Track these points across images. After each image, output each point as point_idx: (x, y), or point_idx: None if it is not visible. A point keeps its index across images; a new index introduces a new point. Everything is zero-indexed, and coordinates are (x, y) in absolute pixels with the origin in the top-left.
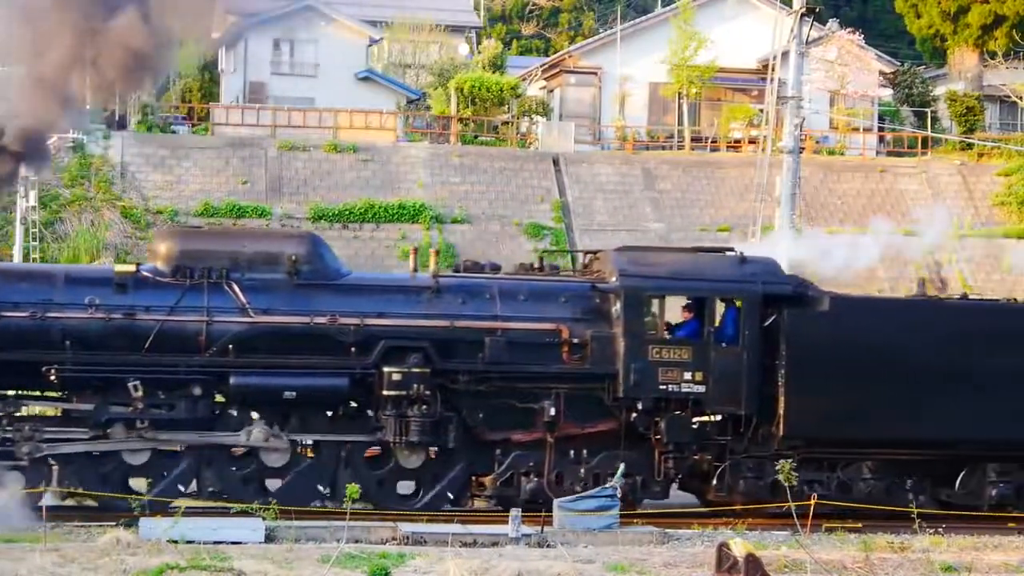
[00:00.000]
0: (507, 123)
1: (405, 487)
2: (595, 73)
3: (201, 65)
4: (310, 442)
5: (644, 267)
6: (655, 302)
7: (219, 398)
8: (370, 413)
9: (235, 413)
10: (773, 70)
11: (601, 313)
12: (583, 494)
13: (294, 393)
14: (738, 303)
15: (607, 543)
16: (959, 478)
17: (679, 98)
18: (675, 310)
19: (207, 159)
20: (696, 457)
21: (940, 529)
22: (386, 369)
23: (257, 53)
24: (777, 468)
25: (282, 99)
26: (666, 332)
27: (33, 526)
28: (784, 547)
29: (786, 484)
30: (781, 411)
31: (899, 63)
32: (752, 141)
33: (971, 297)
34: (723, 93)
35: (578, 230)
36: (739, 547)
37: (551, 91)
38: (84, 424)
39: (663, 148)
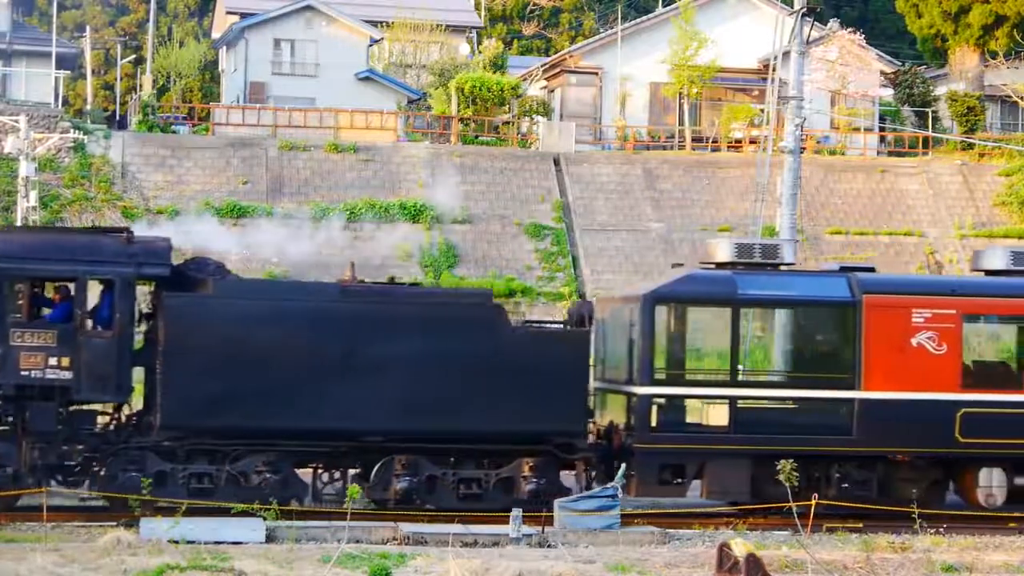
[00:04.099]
0: (508, 123)
1: None
2: (596, 73)
3: (202, 65)
4: None
5: (7, 247)
6: (18, 283)
7: None
8: None
9: None
10: (774, 70)
11: None
12: (583, 494)
13: None
14: (113, 285)
15: (608, 543)
16: (373, 471)
17: (680, 98)
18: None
19: (208, 159)
20: (66, 448)
21: (941, 529)
22: None
23: (258, 53)
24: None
25: (283, 99)
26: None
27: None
28: (785, 547)
29: (787, 484)
30: (159, 400)
31: (900, 63)
32: (753, 141)
33: (395, 283)
34: (724, 93)
35: (579, 230)
36: (740, 547)
37: (552, 91)
38: None
39: (664, 148)
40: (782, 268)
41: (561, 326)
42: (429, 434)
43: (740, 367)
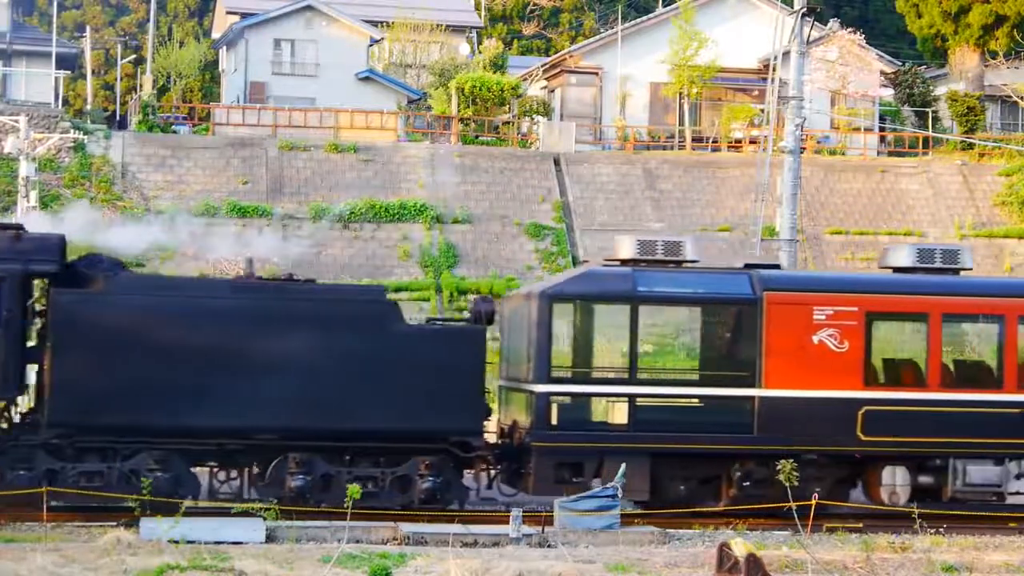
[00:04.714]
0: (508, 123)
1: None
2: (596, 73)
3: (202, 65)
4: None
5: None
6: None
7: None
8: None
9: None
10: (774, 70)
11: None
12: (583, 494)
13: None
14: (2, 281)
15: (608, 543)
16: (269, 469)
17: (680, 98)
18: None
19: (208, 159)
20: None
21: (941, 529)
22: None
23: (258, 53)
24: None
25: (283, 99)
26: None
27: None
28: (785, 547)
29: (787, 484)
30: (46, 396)
31: (900, 63)
32: (753, 141)
33: (293, 279)
34: (724, 93)
35: (579, 230)
36: (740, 547)
37: (552, 91)
38: None
39: (664, 148)
40: (685, 265)
41: (463, 324)
42: (323, 432)
43: (639, 365)
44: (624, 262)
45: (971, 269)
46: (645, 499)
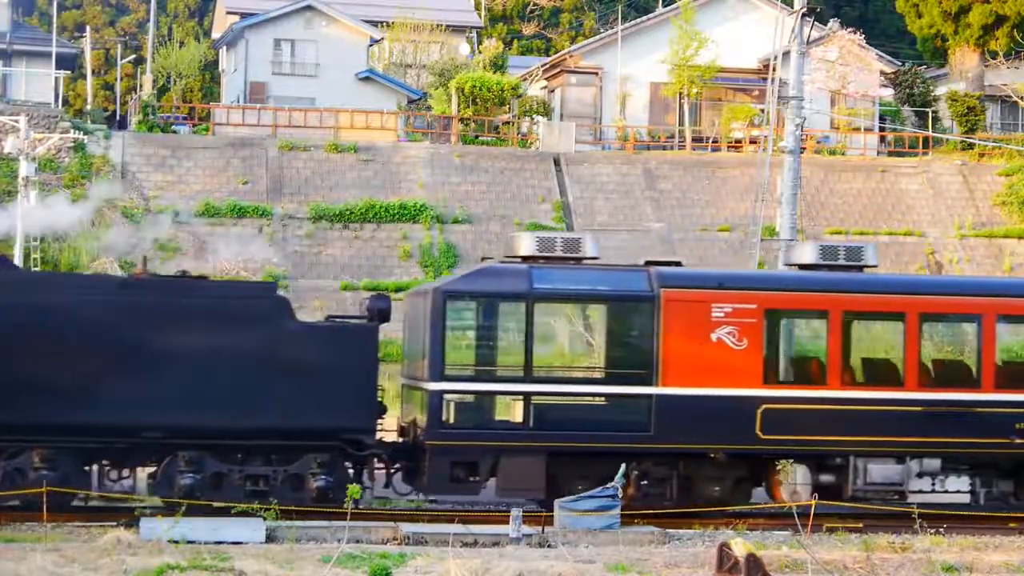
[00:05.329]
0: (508, 123)
1: None
2: (596, 73)
3: (202, 65)
4: None
5: None
6: None
7: None
8: None
9: None
10: (774, 70)
11: None
12: (584, 494)
13: None
14: None
15: (608, 543)
16: (160, 467)
17: (680, 98)
18: None
19: (208, 159)
20: None
21: (941, 529)
22: None
23: (258, 53)
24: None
25: (283, 99)
26: None
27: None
28: (785, 547)
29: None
30: None
31: (900, 63)
32: (753, 141)
33: (185, 276)
34: (724, 93)
35: (579, 230)
36: (740, 547)
37: (552, 91)
38: None
39: (664, 148)
40: (585, 262)
41: (356, 321)
42: (212, 430)
43: (535, 363)
44: (525, 259)
45: (876, 266)
46: (541, 498)
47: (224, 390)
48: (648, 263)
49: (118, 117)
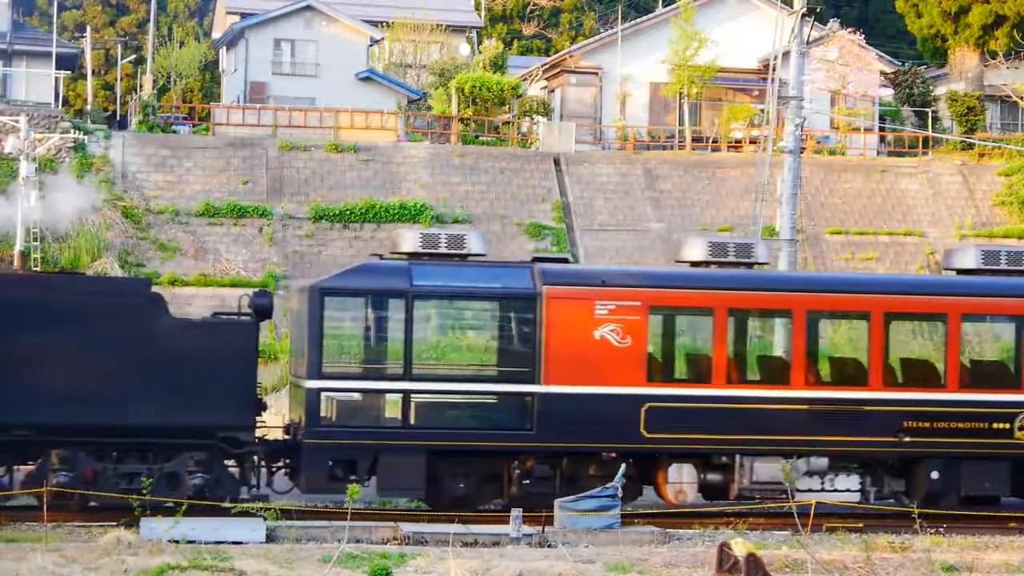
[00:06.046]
0: (508, 123)
1: None
2: (596, 73)
3: (202, 65)
4: None
5: None
6: None
7: None
8: None
9: None
10: (774, 70)
11: None
12: (584, 494)
13: None
14: None
15: (608, 543)
16: (35, 467)
17: (680, 98)
18: None
19: (208, 159)
20: None
21: (941, 529)
22: None
23: (258, 53)
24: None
25: (283, 99)
26: None
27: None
28: (785, 547)
29: (787, 484)
30: None
31: (900, 63)
32: (753, 141)
33: (65, 272)
34: (724, 93)
35: (579, 230)
36: (740, 547)
37: (552, 91)
38: None
39: (664, 148)
40: (470, 259)
41: (235, 318)
42: (86, 428)
43: (414, 360)
44: (409, 256)
45: (767, 264)
46: (421, 497)
47: (97, 387)
48: (535, 259)
49: (118, 117)
